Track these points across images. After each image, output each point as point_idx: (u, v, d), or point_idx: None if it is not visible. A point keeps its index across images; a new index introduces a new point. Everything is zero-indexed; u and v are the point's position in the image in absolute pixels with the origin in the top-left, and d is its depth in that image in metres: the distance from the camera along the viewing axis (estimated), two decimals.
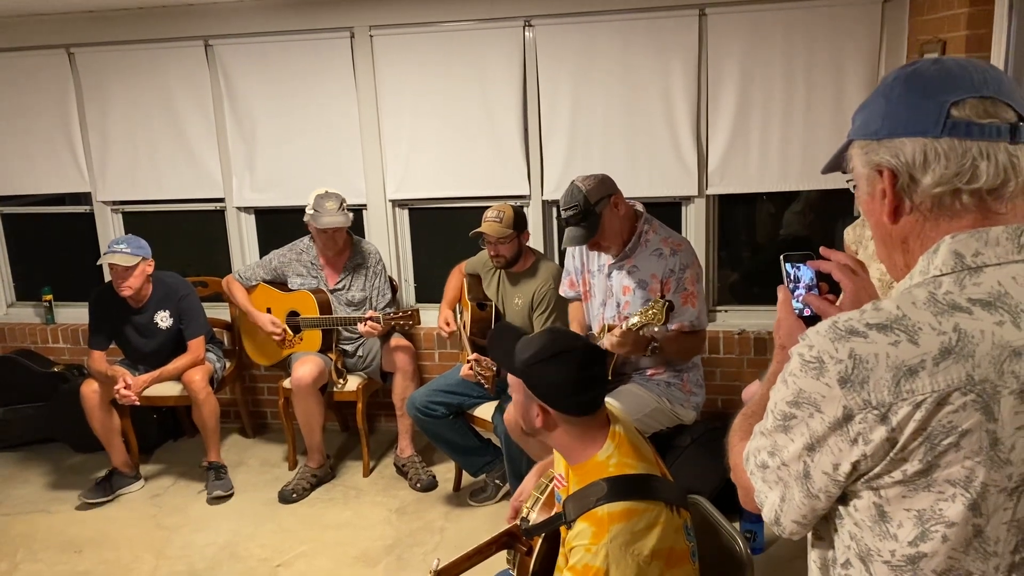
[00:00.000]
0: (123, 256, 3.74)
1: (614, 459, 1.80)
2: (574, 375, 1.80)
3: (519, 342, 1.90)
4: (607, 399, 1.94)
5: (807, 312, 1.26)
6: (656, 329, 2.75)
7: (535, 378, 1.83)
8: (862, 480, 1.00)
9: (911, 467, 0.96)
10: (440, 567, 1.94)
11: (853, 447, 0.97)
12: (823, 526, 1.09)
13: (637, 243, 3.07)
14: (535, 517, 2.00)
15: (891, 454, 0.96)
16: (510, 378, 1.91)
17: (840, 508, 1.05)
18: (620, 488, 1.75)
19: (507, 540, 2.01)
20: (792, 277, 1.29)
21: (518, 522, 2.03)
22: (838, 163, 1.19)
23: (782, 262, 1.30)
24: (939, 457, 0.95)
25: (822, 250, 1.28)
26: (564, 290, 3.40)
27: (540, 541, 1.95)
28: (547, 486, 2.06)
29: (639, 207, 3.15)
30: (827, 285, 1.26)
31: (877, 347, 0.96)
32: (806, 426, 1.01)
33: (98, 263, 3.82)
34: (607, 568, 1.67)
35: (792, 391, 1.02)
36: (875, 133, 1.06)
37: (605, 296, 3.14)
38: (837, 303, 1.23)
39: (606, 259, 3.14)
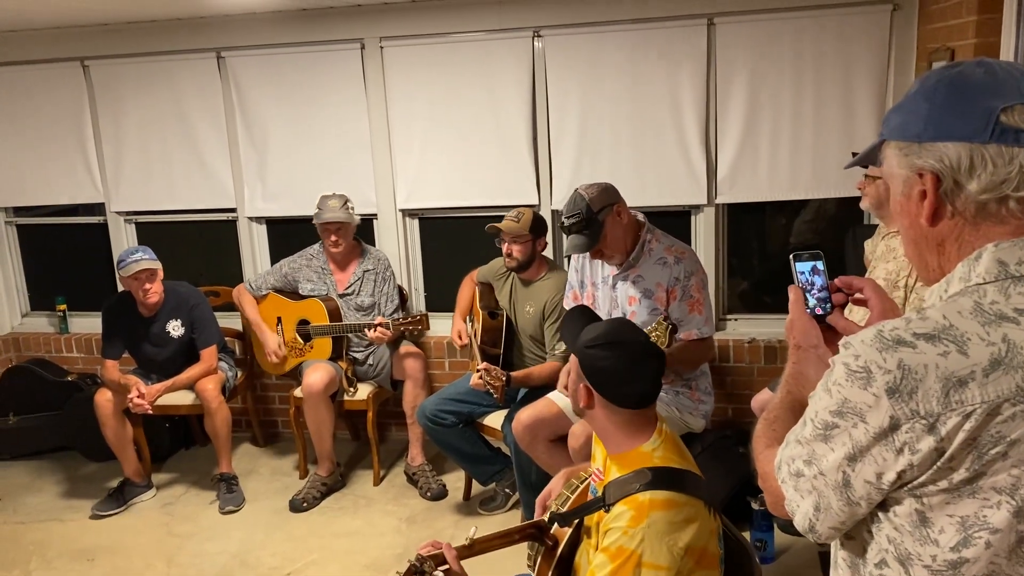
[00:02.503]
0: (149, 261, 3.79)
1: (659, 452, 1.84)
2: (623, 366, 1.87)
3: (583, 320, 2.03)
4: None
5: (819, 311, 1.27)
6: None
7: (587, 360, 1.90)
8: (905, 488, 0.99)
9: (958, 476, 0.95)
10: (476, 536, 1.99)
11: (899, 457, 0.96)
12: (856, 527, 1.08)
13: (640, 252, 3.06)
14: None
15: (938, 463, 0.95)
16: (571, 357, 2.00)
17: (878, 512, 1.04)
18: (664, 478, 1.78)
19: (533, 532, 2.04)
20: (806, 278, 1.30)
21: (546, 517, 2.05)
22: (870, 158, 1.17)
23: (792, 261, 1.31)
24: (986, 466, 0.94)
25: (840, 280, 1.28)
26: (568, 303, 3.40)
27: (569, 532, 1.97)
28: (578, 486, 2.09)
29: (640, 216, 3.15)
30: (842, 296, 1.27)
31: (926, 357, 0.95)
32: (848, 436, 1.00)
33: (125, 274, 3.78)
34: (641, 552, 1.69)
35: (836, 400, 1.01)
36: (917, 136, 1.04)
37: (611, 308, 3.14)
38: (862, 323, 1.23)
39: (610, 270, 3.14)
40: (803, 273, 1.31)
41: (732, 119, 3.85)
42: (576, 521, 1.97)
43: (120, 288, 4.05)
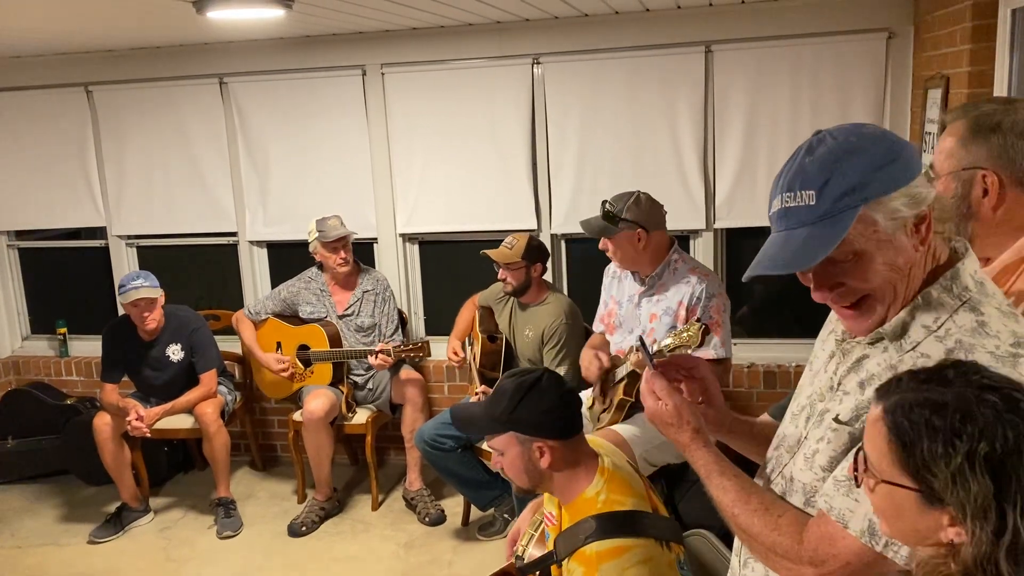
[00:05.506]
0: (149, 289, 3.80)
1: (603, 495, 1.81)
2: (556, 397, 1.85)
3: (477, 409, 1.95)
4: (591, 435, 1.98)
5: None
6: (691, 350, 2.64)
7: (524, 417, 1.83)
8: None
9: None
10: None
11: None
12: None
13: (665, 270, 3.09)
14: (530, 553, 2.01)
15: None
16: (495, 443, 1.89)
17: None
18: (608, 525, 1.75)
19: None
20: (654, 360, 1.40)
21: (514, 560, 2.03)
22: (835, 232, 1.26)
23: (641, 345, 1.38)
24: None
25: (678, 357, 1.49)
26: (596, 324, 3.39)
27: None
28: (540, 523, 2.07)
29: (672, 239, 3.16)
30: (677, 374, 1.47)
31: None
32: None
33: (124, 301, 3.80)
34: None
35: None
36: (908, 181, 1.14)
37: (632, 326, 3.15)
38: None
39: (636, 288, 3.16)
40: (652, 357, 1.35)
41: (730, 145, 3.88)
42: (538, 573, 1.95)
43: (121, 312, 4.06)
